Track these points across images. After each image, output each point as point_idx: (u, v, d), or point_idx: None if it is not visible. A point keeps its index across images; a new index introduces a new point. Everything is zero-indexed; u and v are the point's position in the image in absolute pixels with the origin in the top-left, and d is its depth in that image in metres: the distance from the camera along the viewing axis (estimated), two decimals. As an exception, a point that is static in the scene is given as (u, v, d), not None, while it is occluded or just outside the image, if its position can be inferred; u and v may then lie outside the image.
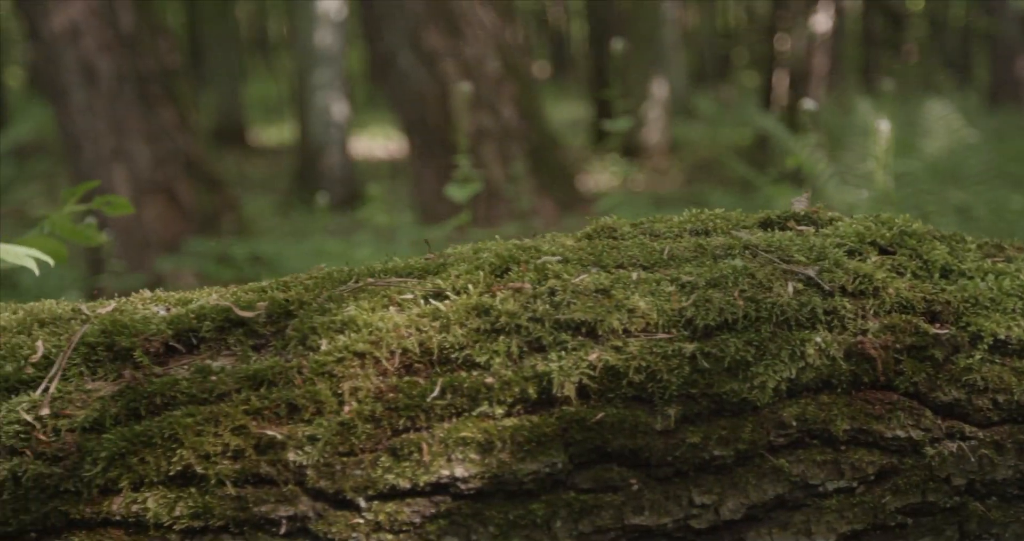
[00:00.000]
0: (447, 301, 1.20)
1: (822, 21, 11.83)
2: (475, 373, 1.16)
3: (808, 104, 3.39)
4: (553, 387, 1.15)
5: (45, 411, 1.12)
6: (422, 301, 1.21)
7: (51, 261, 1.53)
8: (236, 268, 6.48)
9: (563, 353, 1.17)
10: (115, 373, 1.16)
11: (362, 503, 1.12)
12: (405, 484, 1.13)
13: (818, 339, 1.20)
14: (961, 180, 5.04)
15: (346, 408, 1.14)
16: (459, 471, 1.13)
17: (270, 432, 1.12)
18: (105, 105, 6.59)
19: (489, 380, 1.15)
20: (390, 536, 1.13)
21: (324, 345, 1.17)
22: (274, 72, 23.77)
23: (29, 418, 1.12)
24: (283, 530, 1.12)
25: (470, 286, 1.22)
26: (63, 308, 1.26)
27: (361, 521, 1.12)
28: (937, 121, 5.09)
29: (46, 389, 1.14)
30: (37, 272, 1.50)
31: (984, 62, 19.38)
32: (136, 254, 6.33)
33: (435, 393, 1.15)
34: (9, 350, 1.17)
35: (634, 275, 1.23)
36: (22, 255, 1.47)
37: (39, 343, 1.17)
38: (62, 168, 11.93)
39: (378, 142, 15.85)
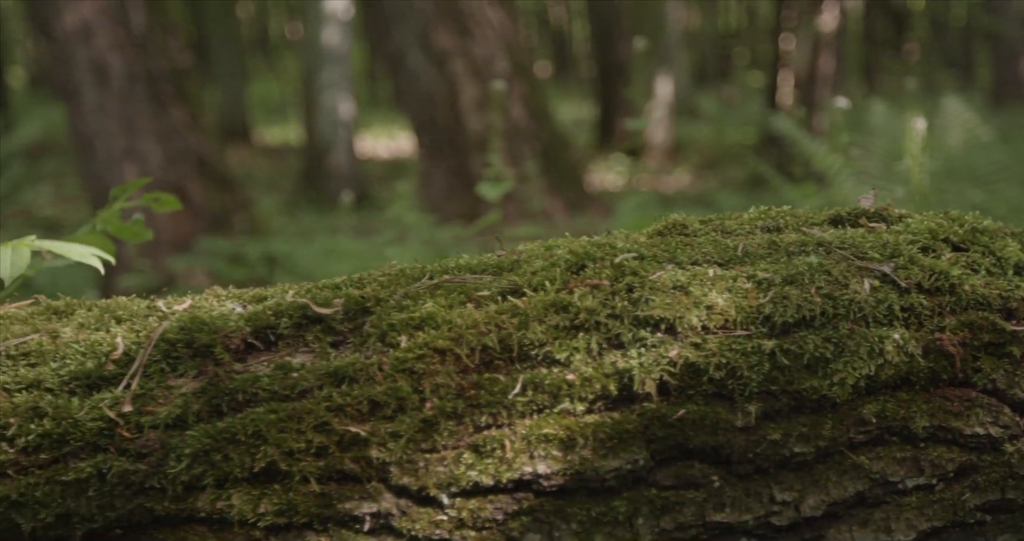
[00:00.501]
0: (524, 298, 1.20)
1: (828, 21, 11.84)
2: (556, 370, 1.16)
3: (841, 102, 3.38)
4: (634, 384, 1.15)
5: (128, 408, 1.12)
6: (499, 298, 1.21)
7: (112, 260, 1.52)
8: (248, 267, 6.48)
9: (643, 350, 1.17)
10: (195, 370, 1.15)
11: (445, 500, 1.12)
12: (488, 481, 1.12)
13: (896, 336, 1.20)
14: (977, 179, 5.04)
15: (428, 404, 1.13)
16: (541, 468, 1.13)
17: (353, 429, 1.12)
18: (117, 104, 6.59)
19: (570, 377, 1.15)
20: (473, 533, 1.13)
21: (404, 342, 1.16)
22: (276, 72, 23.76)
23: (112, 415, 1.11)
24: (367, 527, 1.12)
25: (547, 283, 1.21)
26: (138, 305, 1.26)
27: (444, 518, 1.12)
28: (952, 119, 5.08)
29: (128, 386, 1.13)
30: (103, 271, 1.49)
31: (985, 62, 19.40)
32: (148, 253, 6.33)
33: (516, 390, 1.14)
34: (89, 347, 1.17)
35: (710, 272, 1.23)
36: (87, 254, 1.47)
37: (119, 340, 1.17)
38: (68, 168, 11.93)
39: (381, 142, 15.85)
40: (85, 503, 1.10)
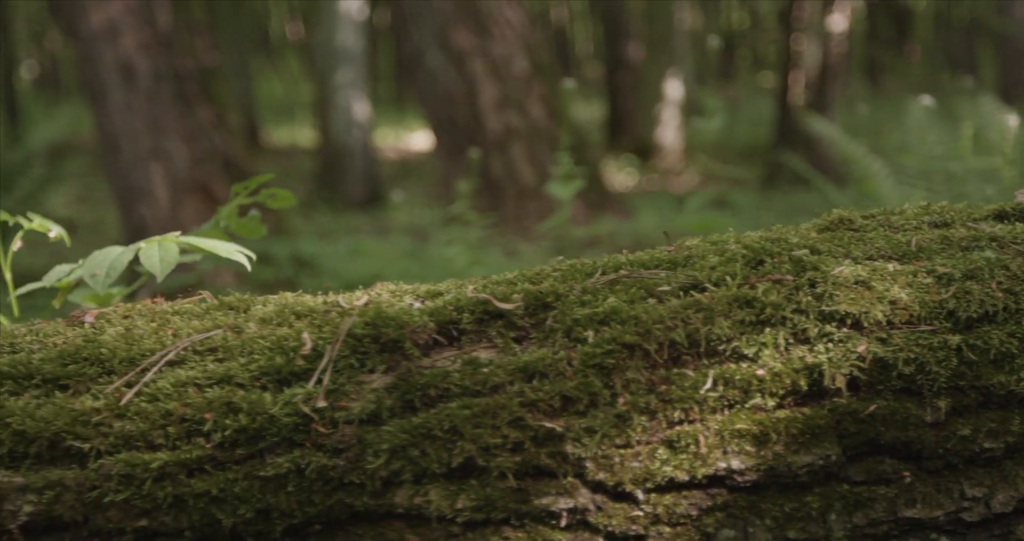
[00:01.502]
0: (706, 293, 1.20)
1: (839, 21, 11.85)
2: (744, 365, 1.15)
3: (925, 100, 3.37)
4: (824, 379, 1.15)
5: (322, 403, 1.11)
6: (680, 293, 1.20)
7: (254, 256, 1.51)
8: (276, 267, 6.47)
9: (830, 345, 1.16)
10: (384, 365, 1.15)
11: (640, 495, 1.12)
12: (683, 476, 1.12)
13: (1079, 331, 1.19)
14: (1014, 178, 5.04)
15: (620, 400, 1.13)
16: (735, 463, 1.13)
17: (547, 424, 1.11)
18: (143, 104, 6.57)
19: (760, 372, 1.15)
20: (668, 529, 1.12)
21: (590, 337, 1.16)
22: (279, 73, 23.74)
23: (307, 410, 1.10)
24: (563, 523, 1.11)
25: (727, 278, 1.21)
26: (315, 301, 1.25)
27: (640, 513, 1.12)
28: (989, 119, 5.08)
29: (319, 381, 1.13)
30: (249, 268, 1.48)
31: (989, 62, 19.42)
32: (177, 253, 6.30)
33: (707, 385, 1.14)
34: (275, 342, 1.16)
35: (890, 267, 1.22)
36: (233, 251, 1.46)
37: (305, 335, 1.16)
38: (81, 169, 11.89)
39: (388, 142, 15.84)
40: (284, 498, 1.09)
